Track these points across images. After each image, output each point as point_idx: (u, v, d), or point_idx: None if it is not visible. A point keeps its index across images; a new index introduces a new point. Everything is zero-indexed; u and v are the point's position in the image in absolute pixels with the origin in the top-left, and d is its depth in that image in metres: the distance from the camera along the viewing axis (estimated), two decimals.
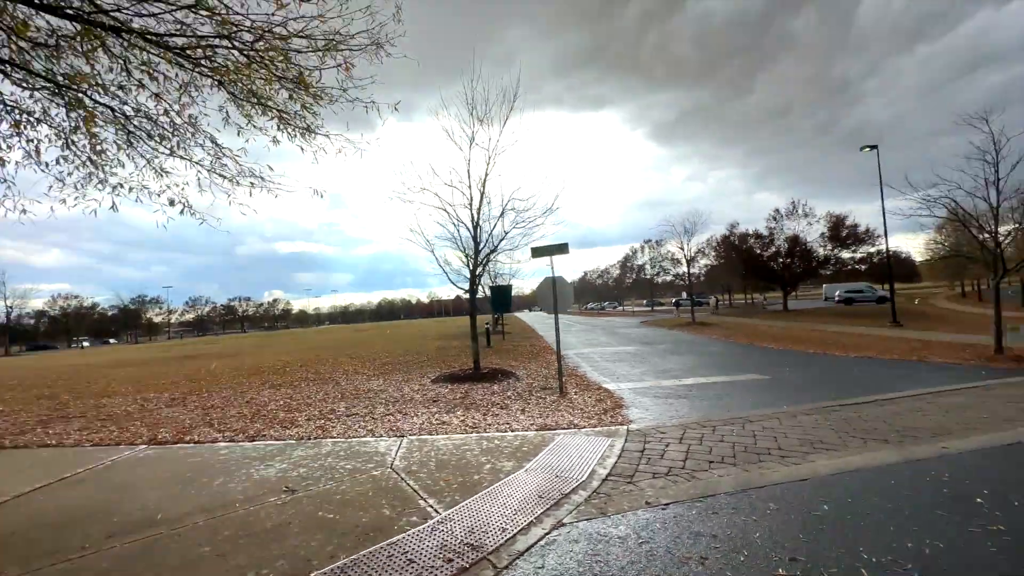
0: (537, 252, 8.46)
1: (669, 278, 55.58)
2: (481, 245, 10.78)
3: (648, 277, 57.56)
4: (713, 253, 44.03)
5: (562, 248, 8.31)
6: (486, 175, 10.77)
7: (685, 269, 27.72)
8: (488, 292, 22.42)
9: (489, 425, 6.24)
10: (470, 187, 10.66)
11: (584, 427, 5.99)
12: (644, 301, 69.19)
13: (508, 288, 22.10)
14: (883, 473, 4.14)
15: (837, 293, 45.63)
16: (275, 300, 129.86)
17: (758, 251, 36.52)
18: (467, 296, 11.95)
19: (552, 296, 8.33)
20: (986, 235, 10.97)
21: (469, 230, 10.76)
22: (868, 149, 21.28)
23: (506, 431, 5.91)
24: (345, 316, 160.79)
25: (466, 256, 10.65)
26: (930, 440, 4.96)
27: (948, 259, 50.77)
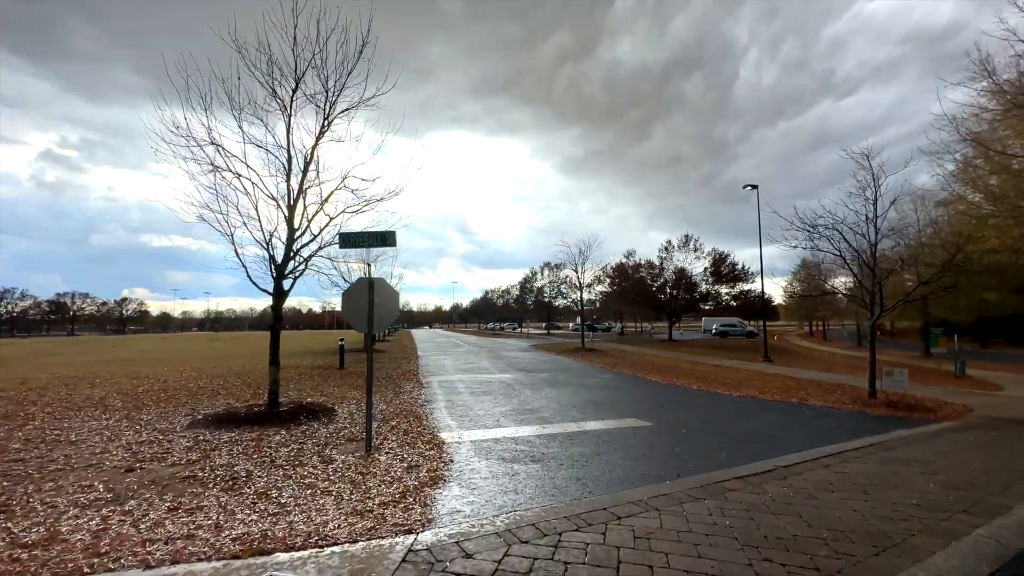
0: (347, 241, 5.77)
1: (567, 302, 55.83)
2: (299, 233, 7.81)
3: (547, 300, 57.31)
4: (608, 280, 44.75)
5: (385, 238, 5.72)
6: (317, 138, 7.94)
7: (580, 291, 26.71)
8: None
9: (146, 540, 3.32)
10: (289, 150, 7.73)
11: (342, 536, 3.34)
12: (544, 324, 69.18)
13: None
14: None
15: (714, 327, 48.98)
16: (124, 300, 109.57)
17: (649, 281, 37.45)
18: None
19: (363, 307, 5.67)
20: (857, 275, 10.62)
21: (281, 208, 7.75)
22: (750, 188, 22.05)
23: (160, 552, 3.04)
24: (219, 323, 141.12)
25: (267, 243, 7.57)
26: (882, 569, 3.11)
27: (804, 299, 57.82)
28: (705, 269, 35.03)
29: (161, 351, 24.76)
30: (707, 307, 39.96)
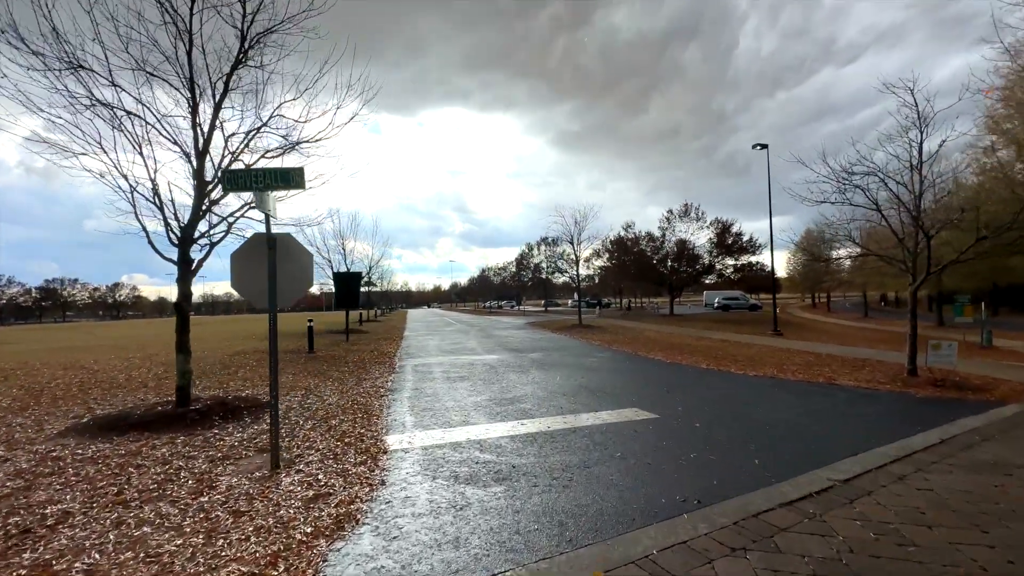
0: (235, 181, 4.13)
1: (565, 279, 54.26)
2: (211, 186, 6.18)
3: (544, 277, 55.72)
4: (607, 254, 43.08)
5: (289, 178, 4.09)
6: (233, 67, 6.25)
7: (576, 265, 25.11)
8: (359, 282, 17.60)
9: None
10: (192, 77, 6.03)
11: None
12: (542, 301, 67.80)
13: (356, 276, 17.40)
14: None
15: (716, 300, 47.61)
16: (116, 285, 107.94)
17: (649, 254, 35.80)
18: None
19: (261, 275, 4.10)
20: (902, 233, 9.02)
21: (186, 155, 6.11)
22: (759, 147, 20.21)
23: None
24: (215, 307, 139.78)
25: (155, 196, 5.95)
26: None
27: (812, 267, 56.31)
28: (709, 240, 33.33)
29: (130, 337, 23.32)
30: (709, 280, 38.45)
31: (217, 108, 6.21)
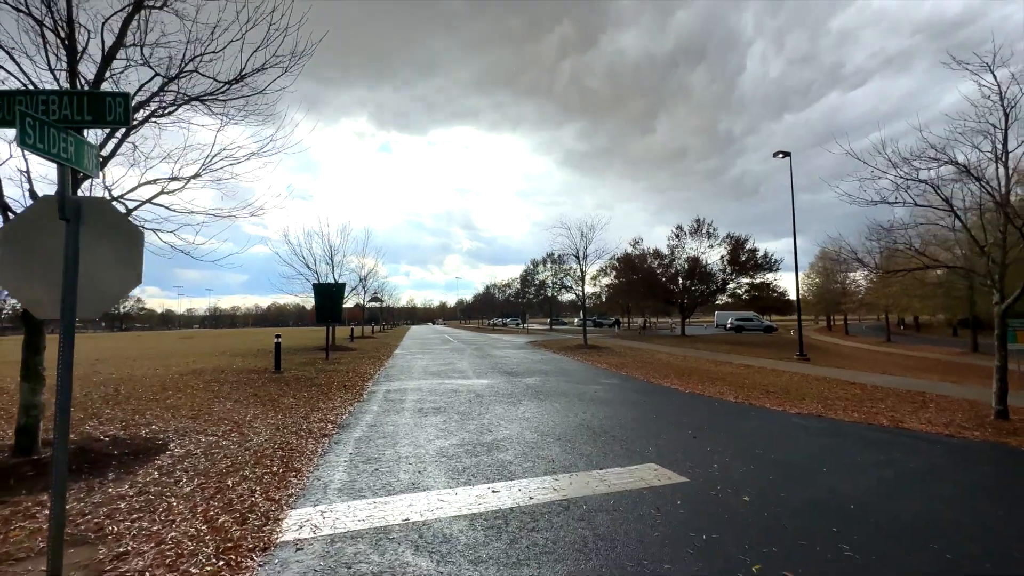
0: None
1: (571, 296, 52.49)
2: None
3: (550, 295, 53.99)
4: (614, 272, 41.39)
5: (104, 108, 2.51)
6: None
7: (581, 281, 23.44)
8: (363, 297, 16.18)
9: None
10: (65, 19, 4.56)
11: None
12: (548, 320, 65.92)
13: (338, 289, 15.86)
14: None
15: (729, 321, 45.46)
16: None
17: (659, 272, 34.05)
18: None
19: (42, 263, 2.51)
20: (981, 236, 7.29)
21: None
22: (781, 155, 18.63)
23: None
24: (222, 320, 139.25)
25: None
26: None
27: (822, 293, 54.01)
28: (722, 257, 31.53)
29: (111, 349, 21.87)
30: (720, 300, 36.45)
31: (107, 61, 4.73)
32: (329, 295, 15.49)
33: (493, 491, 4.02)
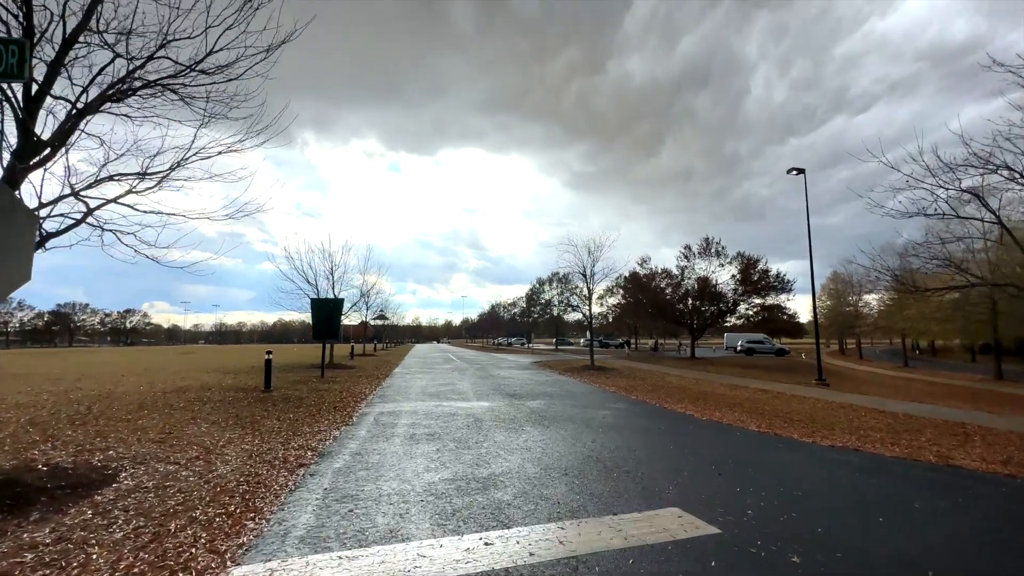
0: None
1: (578, 316, 51.63)
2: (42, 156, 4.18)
3: (555, 314, 53.21)
4: (621, 291, 40.69)
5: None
6: None
7: (588, 301, 22.75)
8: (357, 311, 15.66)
9: None
10: None
11: None
12: (554, 340, 64.90)
13: (336, 304, 15.31)
14: None
15: (739, 343, 44.38)
16: (128, 311, 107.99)
17: (668, 292, 33.29)
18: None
19: None
20: None
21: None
22: (795, 172, 18.10)
23: None
24: (227, 336, 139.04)
25: None
26: None
27: (835, 316, 52.82)
28: (733, 277, 30.76)
29: (103, 364, 21.36)
30: (729, 322, 35.48)
31: (68, 43, 4.28)
32: (327, 311, 14.93)
33: (486, 543, 3.33)
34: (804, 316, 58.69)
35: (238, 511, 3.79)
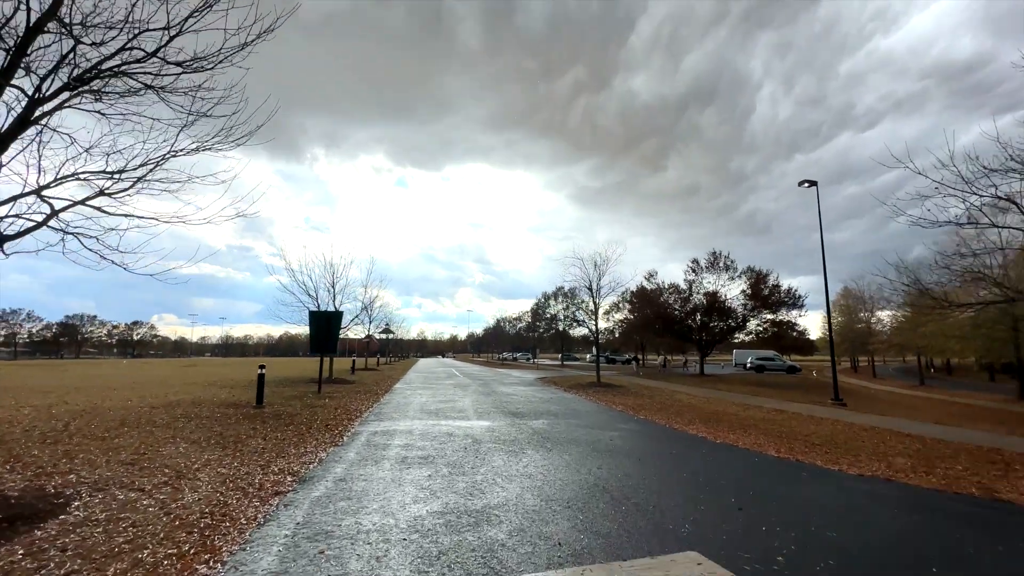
0: None
1: (584, 331, 50.90)
2: None
3: (561, 329, 52.53)
4: (628, 306, 40.11)
5: None
6: None
7: (594, 315, 22.23)
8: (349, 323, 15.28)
9: None
10: None
11: None
12: (560, 355, 64.13)
13: (335, 316, 14.92)
14: None
15: (749, 360, 43.42)
16: (135, 323, 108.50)
17: (676, 308, 32.65)
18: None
19: None
20: None
21: None
22: (807, 184, 17.66)
23: None
24: (233, 349, 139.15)
25: None
26: None
27: (846, 333, 51.70)
28: (742, 292, 30.12)
29: (99, 377, 21.04)
30: (738, 338, 34.64)
31: (32, 31, 3.98)
32: (325, 323, 14.53)
33: None
34: (814, 333, 57.64)
35: (192, 551, 3.32)
